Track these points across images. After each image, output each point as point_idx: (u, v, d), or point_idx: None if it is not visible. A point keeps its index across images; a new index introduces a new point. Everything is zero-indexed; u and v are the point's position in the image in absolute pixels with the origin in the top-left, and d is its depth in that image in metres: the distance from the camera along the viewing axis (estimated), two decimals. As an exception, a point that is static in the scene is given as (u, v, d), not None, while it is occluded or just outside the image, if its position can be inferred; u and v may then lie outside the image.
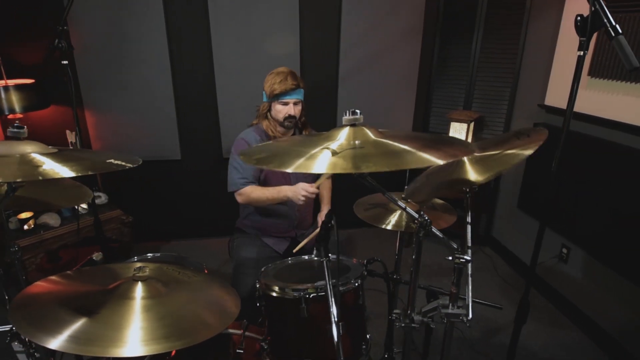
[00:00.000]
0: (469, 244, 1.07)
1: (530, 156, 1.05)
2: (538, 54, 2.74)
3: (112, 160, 0.96)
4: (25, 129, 0.97)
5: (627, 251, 2.04)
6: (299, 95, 1.90)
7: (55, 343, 0.86)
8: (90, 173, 0.85)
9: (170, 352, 1.39)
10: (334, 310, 0.93)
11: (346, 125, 0.95)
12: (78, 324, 0.91)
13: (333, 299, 0.94)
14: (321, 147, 0.87)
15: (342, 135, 0.94)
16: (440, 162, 0.80)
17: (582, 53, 0.99)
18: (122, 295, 1.03)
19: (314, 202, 2.16)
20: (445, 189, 1.30)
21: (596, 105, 2.19)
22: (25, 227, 2.34)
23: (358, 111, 0.93)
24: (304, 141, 0.93)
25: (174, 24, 2.80)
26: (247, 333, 1.45)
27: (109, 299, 1.02)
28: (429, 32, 3.18)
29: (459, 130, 3.02)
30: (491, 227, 3.32)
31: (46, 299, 1.02)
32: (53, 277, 1.11)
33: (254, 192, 1.91)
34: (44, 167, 0.85)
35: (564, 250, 2.51)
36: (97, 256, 1.55)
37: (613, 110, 2.11)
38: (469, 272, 1.03)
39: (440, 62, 3.27)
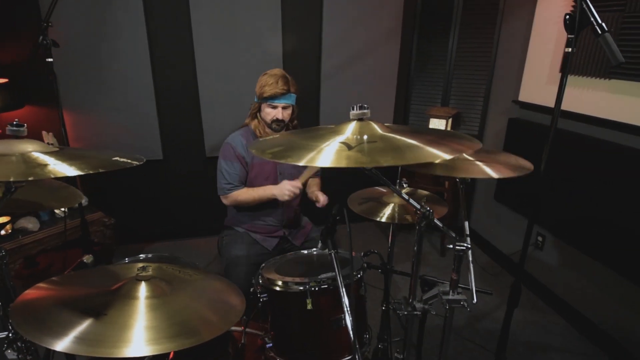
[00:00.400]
0: (467, 232, 1.13)
1: (511, 151, 1.12)
2: (511, 52, 2.86)
3: (117, 158, 0.94)
4: (25, 127, 0.93)
5: (599, 236, 2.17)
6: (288, 100, 1.88)
7: (62, 345, 0.85)
8: (100, 171, 0.83)
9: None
10: (346, 300, 0.95)
11: (353, 120, 0.97)
12: (84, 325, 0.90)
13: (344, 290, 0.96)
14: (334, 140, 0.89)
15: (349, 129, 0.96)
16: (449, 156, 0.84)
17: (570, 50, 1.05)
18: (126, 295, 1.02)
19: (303, 202, 2.17)
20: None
21: (567, 100, 2.31)
22: (2, 232, 2.23)
23: (366, 105, 0.95)
24: (315, 135, 0.94)
25: (155, 22, 2.73)
26: (247, 329, 1.46)
27: (113, 299, 1.00)
28: (408, 31, 3.25)
29: (437, 126, 3.10)
30: (469, 218, 3.45)
31: (47, 303, 0.99)
32: (48, 282, 1.08)
33: (240, 195, 1.97)
34: (51, 165, 0.83)
35: (539, 238, 2.63)
36: (87, 259, 1.51)
37: (583, 105, 2.24)
38: (470, 259, 1.08)
39: (419, 61, 3.36)
